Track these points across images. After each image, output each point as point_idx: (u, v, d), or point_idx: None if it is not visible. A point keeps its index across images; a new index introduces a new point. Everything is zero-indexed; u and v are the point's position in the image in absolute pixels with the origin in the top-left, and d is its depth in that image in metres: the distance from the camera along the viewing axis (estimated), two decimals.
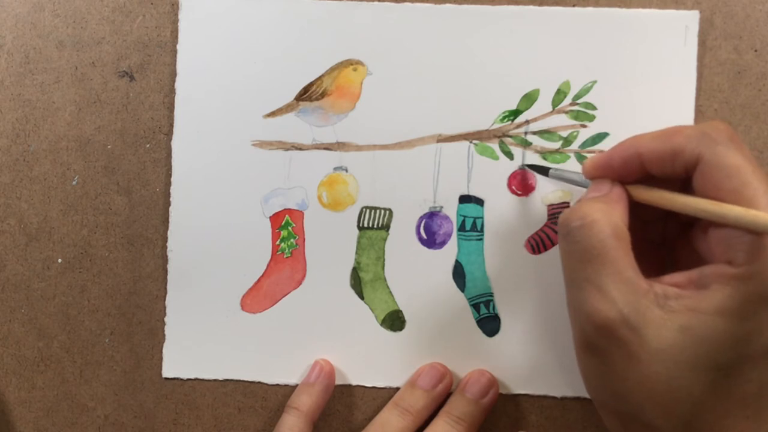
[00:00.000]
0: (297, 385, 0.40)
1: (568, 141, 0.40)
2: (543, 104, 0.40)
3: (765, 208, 0.28)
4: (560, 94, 0.40)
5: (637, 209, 0.33)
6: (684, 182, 0.31)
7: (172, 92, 0.40)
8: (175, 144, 0.40)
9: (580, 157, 0.40)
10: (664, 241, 0.36)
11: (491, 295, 0.40)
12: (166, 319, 0.40)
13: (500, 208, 0.40)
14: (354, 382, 0.40)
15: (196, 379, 0.40)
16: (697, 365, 0.29)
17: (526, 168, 0.39)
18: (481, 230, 0.40)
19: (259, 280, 0.40)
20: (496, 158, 0.40)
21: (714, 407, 0.29)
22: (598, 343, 0.30)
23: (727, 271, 0.29)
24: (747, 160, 0.29)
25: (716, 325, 0.28)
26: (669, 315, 0.29)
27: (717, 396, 0.29)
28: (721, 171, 0.29)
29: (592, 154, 0.40)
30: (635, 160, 0.32)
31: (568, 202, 0.40)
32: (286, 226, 0.40)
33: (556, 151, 0.40)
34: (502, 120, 0.40)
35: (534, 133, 0.40)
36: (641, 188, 0.32)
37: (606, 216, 0.30)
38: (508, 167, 0.40)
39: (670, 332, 0.29)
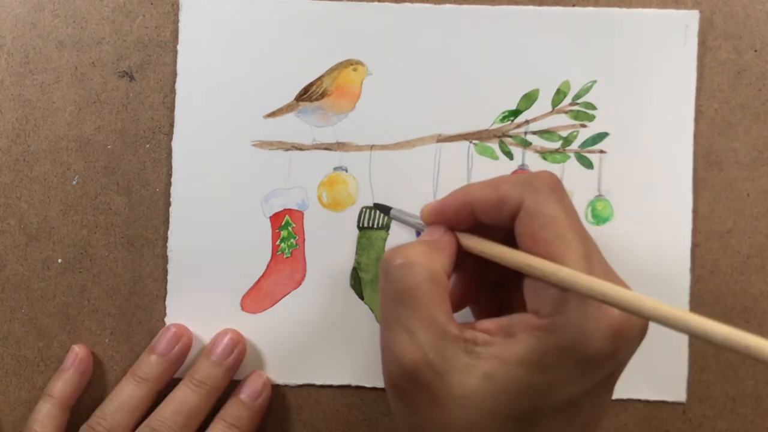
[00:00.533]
0: (297, 386, 0.40)
1: (568, 141, 0.40)
2: (543, 104, 0.40)
3: (573, 263, 0.28)
4: (560, 94, 0.40)
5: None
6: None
7: (172, 92, 0.40)
8: (175, 144, 0.40)
9: (580, 157, 0.40)
10: (502, 284, 0.36)
11: None
12: (166, 319, 0.40)
13: None
14: (354, 383, 0.40)
15: None
16: (497, 413, 0.28)
17: (370, 208, 0.40)
18: None
19: (259, 280, 0.40)
20: (496, 158, 0.40)
21: None
22: (404, 384, 0.30)
23: (533, 322, 0.29)
24: (565, 212, 0.29)
25: (518, 375, 0.28)
26: (475, 362, 0.29)
27: None
28: (538, 220, 0.29)
29: (592, 154, 0.40)
30: (466, 208, 0.32)
31: None
32: (286, 226, 0.40)
33: (556, 151, 0.40)
34: (502, 120, 0.40)
35: (534, 133, 0.40)
36: (469, 237, 0.33)
37: (426, 260, 0.30)
38: (508, 167, 0.40)
39: (474, 379, 0.29)
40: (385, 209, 0.39)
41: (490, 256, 0.31)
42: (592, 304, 0.28)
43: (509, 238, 0.31)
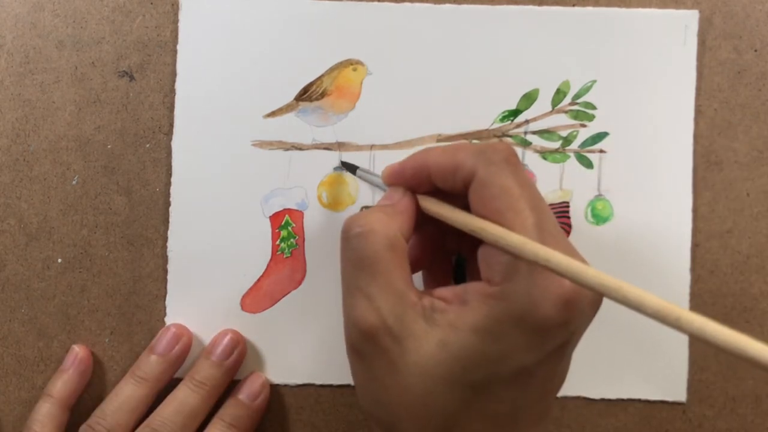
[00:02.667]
0: (297, 385, 0.40)
1: (567, 140, 0.40)
2: (543, 104, 0.40)
3: (523, 232, 0.28)
4: (560, 93, 0.40)
5: (437, 219, 0.33)
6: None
7: (172, 92, 0.40)
8: (175, 144, 0.40)
9: (580, 157, 0.40)
10: (461, 252, 0.36)
11: None
12: (166, 319, 0.40)
13: None
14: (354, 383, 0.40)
15: None
16: (452, 381, 0.29)
17: (340, 166, 0.40)
18: None
19: (259, 280, 0.40)
20: None
21: (467, 425, 0.29)
22: (363, 348, 0.30)
23: (485, 290, 0.29)
24: (518, 183, 0.30)
25: (470, 342, 0.28)
26: (431, 328, 0.29)
27: (470, 414, 0.29)
28: (489, 190, 0.29)
29: (592, 154, 0.40)
30: (424, 172, 0.32)
31: (567, 202, 0.40)
32: (286, 226, 0.40)
33: (556, 150, 0.40)
34: (501, 120, 0.40)
35: (534, 132, 0.40)
36: (429, 200, 0.33)
37: (384, 227, 0.31)
38: None
39: (429, 346, 0.29)
40: (351, 168, 0.39)
41: (446, 218, 0.32)
42: (541, 272, 0.28)
43: (467, 207, 0.31)
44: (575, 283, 0.27)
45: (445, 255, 0.37)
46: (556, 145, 0.40)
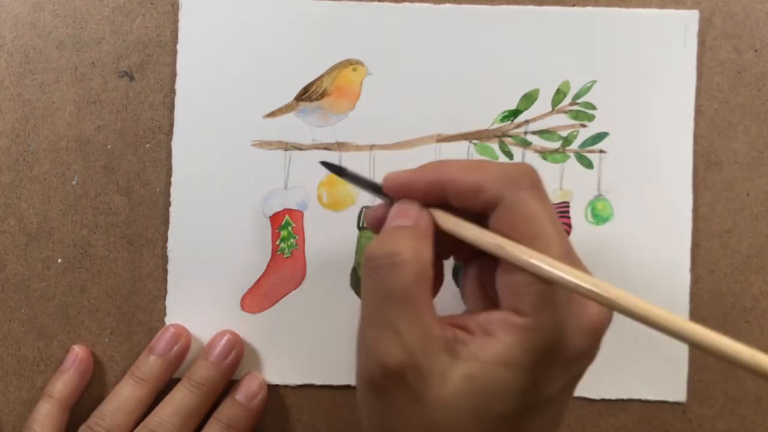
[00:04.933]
0: (297, 386, 0.40)
1: (567, 141, 0.40)
2: (543, 104, 0.40)
3: (556, 259, 0.27)
4: (560, 93, 0.40)
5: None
6: (478, 219, 0.30)
7: (172, 92, 0.40)
8: (175, 144, 0.40)
9: (580, 157, 0.40)
10: (456, 259, 0.35)
11: None
12: (166, 319, 0.40)
13: None
14: (354, 383, 0.40)
15: None
16: (479, 415, 0.28)
17: (322, 164, 0.35)
18: None
19: (259, 280, 0.40)
20: (496, 158, 0.40)
21: None
22: (385, 385, 0.29)
23: (512, 321, 0.28)
24: (545, 210, 0.29)
25: (497, 376, 0.27)
26: (456, 362, 0.28)
27: None
28: (519, 217, 0.28)
29: (592, 154, 0.40)
30: (437, 188, 0.30)
31: (567, 202, 0.40)
32: (286, 226, 0.40)
33: (556, 150, 0.40)
34: (501, 120, 0.40)
35: (534, 132, 0.40)
36: (444, 215, 0.30)
37: (415, 256, 0.29)
38: None
39: (454, 380, 0.28)
40: (337, 170, 0.34)
41: (473, 241, 0.29)
42: (575, 301, 0.27)
43: (474, 220, 0.30)
44: (625, 314, 0.26)
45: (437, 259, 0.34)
46: (556, 145, 0.40)
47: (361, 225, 0.40)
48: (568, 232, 0.40)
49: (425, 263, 0.29)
